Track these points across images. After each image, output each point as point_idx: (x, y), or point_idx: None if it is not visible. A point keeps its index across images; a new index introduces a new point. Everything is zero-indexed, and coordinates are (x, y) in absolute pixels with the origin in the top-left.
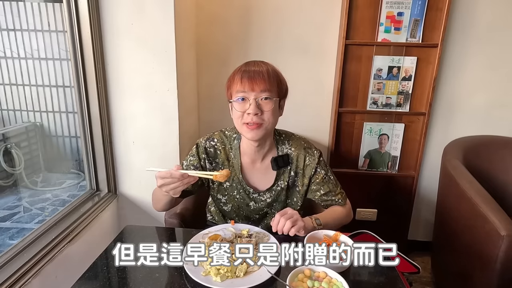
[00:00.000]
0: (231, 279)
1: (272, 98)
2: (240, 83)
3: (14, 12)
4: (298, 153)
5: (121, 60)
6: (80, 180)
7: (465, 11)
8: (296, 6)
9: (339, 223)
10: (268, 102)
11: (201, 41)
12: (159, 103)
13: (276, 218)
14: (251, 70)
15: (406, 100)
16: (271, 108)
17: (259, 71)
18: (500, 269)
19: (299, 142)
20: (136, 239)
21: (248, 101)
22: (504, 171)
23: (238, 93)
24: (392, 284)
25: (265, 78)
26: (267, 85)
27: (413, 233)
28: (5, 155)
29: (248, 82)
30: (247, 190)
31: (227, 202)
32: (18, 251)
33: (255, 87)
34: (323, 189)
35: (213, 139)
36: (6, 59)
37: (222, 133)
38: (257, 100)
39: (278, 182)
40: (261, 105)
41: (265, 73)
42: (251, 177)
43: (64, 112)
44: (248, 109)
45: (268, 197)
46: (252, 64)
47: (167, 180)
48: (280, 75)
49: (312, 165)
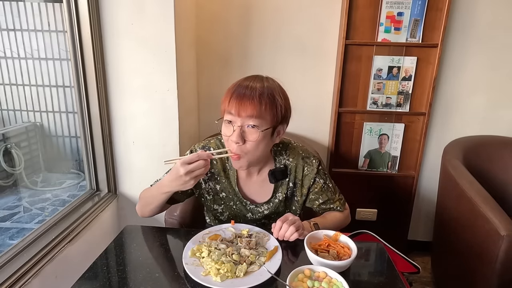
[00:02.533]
0: (231, 279)
1: (260, 128)
2: (228, 103)
3: (14, 12)
4: (297, 164)
5: (121, 60)
6: (80, 180)
7: (465, 11)
8: (296, 6)
9: (337, 227)
10: (254, 131)
11: (201, 41)
12: (159, 103)
13: (277, 225)
14: (244, 86)
15: (406, 100)
16: (256, 139)
17: (251, 91)
18: (500, 269)
19: (296, 152)
20: (136, 239)
21: (233, 127)
22: (504, 171)
23: (226, 114)
24: (392, 284)
25: (255, 103)
26: (255, 111)
27: (413, 233)
28: (5, 155)
29: (235, 104)
30: (243, 202)
31: (223, 211)
32: (18, 251)
33: (241, 112)
34: (321, 198)
35: (209, 148)
36: (6, 59)
37: (218, 141)
38: (242, 127)
39: (276, 194)
40: (246, 133)
41: (256, 96)
42: (247, 190)
43: (64, 112)
44: (231, 135)
45: (266, 209)
46: (251, 79)
47: (196, 164)
48: (279, 98)
49: (311, 175)
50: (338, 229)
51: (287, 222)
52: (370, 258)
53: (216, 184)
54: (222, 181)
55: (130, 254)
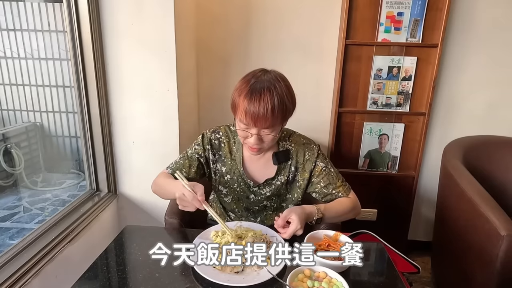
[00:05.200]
0: (230, 275)
1: (275, 131)
2: (244, 116)
3: (14, 12)
4: (298, 149)
5: (121, 60)
6: (80, 180)
7: (465, 11)
8: (296, 6)
9: (345, 212)
10: (270, 132)
11: (201, 41)
12: (159, 103)
13: (279, 223)
14: (256, 106)
15: (406, 100)
16: (272, 139)
17: (264, 110)
18: (500, 269)
19: (298, 139)
20: (136, 239)
21: (250, 131)
22: (504, 171)
23: (241, 123)
24: (392, 284)
25: (268, 117)
26: (270, 123)
27: (413, 233)
28: (5, 155)
29: (251, 119)
30: (247, 183)
31: (227, 193)
32: (18, 251)
33: (258, 124)
34: (323, 181)
35: (218, 132)
36: (6, 59)
37: (227, 128)
38: (258, 133)
39: (279, 176)
40: (263, 136)
41: (269, 111)
42: (251, 170)
43: (64, 112)
44: (249, 137)
45: (268, 191)
46: (259, 81)
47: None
48: (288, 102)
49: (312, 159)
50: (348, 217)
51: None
52: (370, 258)
53: (222, 166)
54: (228, 162)
55: (130, 254)
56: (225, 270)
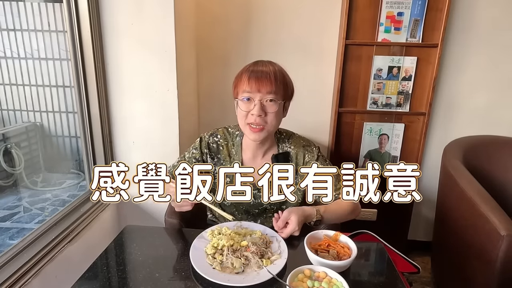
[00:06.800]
0: (230, 275)
1: (277, 101)
2: (247, 83)
3: (14, 12)
4: (298, 151)
5: (121, 60)
6: (80, 180)
7: (465, 11)
8: (296, 6)
9: (345, 213)
10: (273, 104)
11: (201, 41)
12: (159, 103)
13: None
14: (259, 71)
15: (406, 100)
16: (275, 110)
17: (267, 72)
18: (500, 269)
19: (298, 141)
20: (136, 239)
21: (253, 102)
22: (504, 171)
23: (244, 93)
24: (392, 284)
25: (271, 80)
26: (273, 87)
27: (413, 233)
28: (5, 155)
29: (255, 82)
30: None
31: None
32: (18, 251)
33: (261, 88)
34: None
35: (216, 135)
36: (6, 59)
37: (225, 130)
38: (262, 101)
39: None
40: (266, 107)
41: (272, 74)
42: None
43: (64, 112)
44: (252, 110)
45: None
46: (260, 64)
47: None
48: (287, 77)
49: (312, 161)
50: (348, 218)
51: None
52: (370, 258)
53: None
54: (228, 166)
55: (130, 254)
56: (225, 270)
